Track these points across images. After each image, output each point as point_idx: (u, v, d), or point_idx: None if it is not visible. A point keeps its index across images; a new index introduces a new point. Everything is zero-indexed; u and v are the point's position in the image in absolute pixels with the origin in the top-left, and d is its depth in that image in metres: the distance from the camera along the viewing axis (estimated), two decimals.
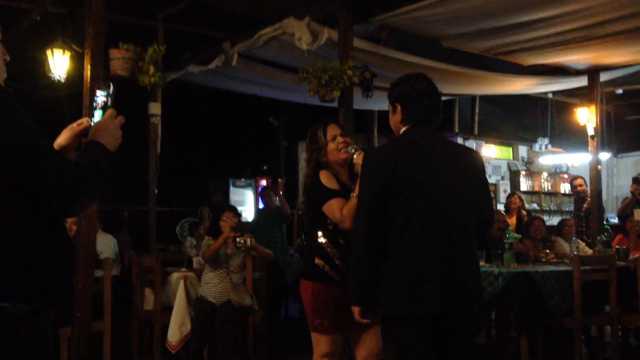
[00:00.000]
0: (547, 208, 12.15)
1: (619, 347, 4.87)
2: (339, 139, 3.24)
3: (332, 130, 3.26)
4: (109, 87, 1.90)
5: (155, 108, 7.57)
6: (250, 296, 5.22)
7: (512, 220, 7.47)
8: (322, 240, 3.16)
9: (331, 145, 3.23)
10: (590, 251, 6.09)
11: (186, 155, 11.51)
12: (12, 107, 1.62)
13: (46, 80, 6.97)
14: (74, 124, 1.89)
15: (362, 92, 6.17)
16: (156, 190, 7.59)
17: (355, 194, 3.03)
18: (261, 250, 5.36)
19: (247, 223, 6.13)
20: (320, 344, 3.15)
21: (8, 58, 1.86)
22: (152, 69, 5.48)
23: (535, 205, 11.91)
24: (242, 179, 11.70)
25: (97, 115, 1.87)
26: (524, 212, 8.09)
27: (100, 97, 1.89)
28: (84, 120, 1.89)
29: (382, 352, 3.28)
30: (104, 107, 1.87)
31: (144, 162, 7.62)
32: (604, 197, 10.19)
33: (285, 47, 6.32)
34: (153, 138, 7.59)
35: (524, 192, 11.54)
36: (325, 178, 3.17)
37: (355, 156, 3.16)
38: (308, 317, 3.19)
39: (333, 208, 3.08)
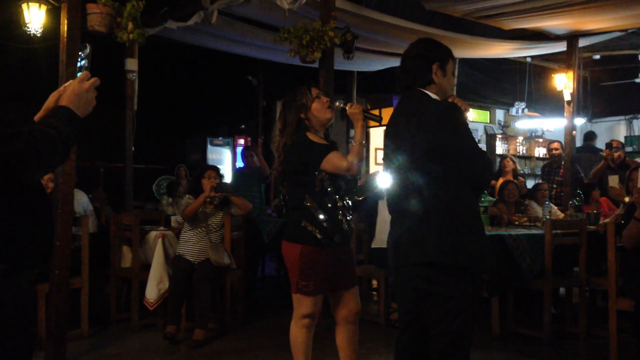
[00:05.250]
0: (522, 172, 12.30)
1: (587, 308, 5.04)
2: (323, 98, 3.30)
3: (315, 91, 3.31)
4: (85, 47, 1.87)
5: (132, 64, 7.40)
6: (228, 255, 5.26)
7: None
8: (309, 203, 3.16)
9: (317, 104, 3.26)
10: (562, 215, 6.23)
11: (163, 113, 11.39)
12: None
13: (22, 33, 6.78)
14: (61, 88, 1.85)
15: (344, 53, 6.13)
16: (133, 148, 7.51)
17: (356, 141, 3.20)
18: (239, 202, 5.38)
19: (228, 184, 6.14)
20: (303, 305, 3.19)
21: None
22: (130, 26, 5.37)
23: None
24: (220, 138, 11.65)
25: None
26: (522, 179, 7.77)
27: (80, 59, 1.86)
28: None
29: (361, 311, 3.36)
30: (81, 69, 1.84)
31: (121, 118, 7.50)
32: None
33: (267, 5, 6.21)
34: (130, 95, 7.44)
35: (499, 156, 11.64)
36: (315, 138, 3.23)
37: (348, 108, 3.26)
38: (292, 279, 3.20)
39: (335, 159, 3.14)
